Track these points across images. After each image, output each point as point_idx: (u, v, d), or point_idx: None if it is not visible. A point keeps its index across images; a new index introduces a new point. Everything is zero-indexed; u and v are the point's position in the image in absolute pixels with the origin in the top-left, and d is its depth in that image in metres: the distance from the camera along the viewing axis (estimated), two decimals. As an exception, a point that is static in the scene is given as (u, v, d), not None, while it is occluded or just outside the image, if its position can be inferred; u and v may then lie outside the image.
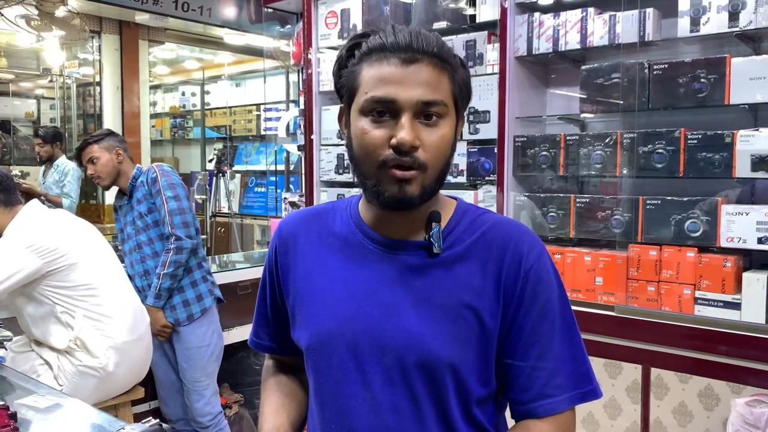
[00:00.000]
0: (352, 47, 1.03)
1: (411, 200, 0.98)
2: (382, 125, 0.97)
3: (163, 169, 2.89)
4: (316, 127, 3.19)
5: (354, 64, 1.02)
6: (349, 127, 1.03)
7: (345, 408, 1.05)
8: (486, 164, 2.65)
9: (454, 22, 2.76)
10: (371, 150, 0.98)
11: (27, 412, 1.60)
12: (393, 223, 1.06)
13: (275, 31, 5.26)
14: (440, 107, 0.98)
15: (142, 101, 6.57)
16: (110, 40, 6.24)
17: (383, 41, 0.98)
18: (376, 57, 0.99)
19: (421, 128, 0.97)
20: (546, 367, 1.02)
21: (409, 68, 0.97)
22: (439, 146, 0.98)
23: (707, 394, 2.11)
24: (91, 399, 2.29)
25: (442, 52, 0.99)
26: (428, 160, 0.97)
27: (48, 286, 2.32)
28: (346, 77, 1.03)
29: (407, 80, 0.96)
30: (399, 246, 1.06)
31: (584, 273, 2.40)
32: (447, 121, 1.00)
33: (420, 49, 0.97)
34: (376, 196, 1.00)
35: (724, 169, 2.13)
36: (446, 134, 0.99)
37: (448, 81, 1.00)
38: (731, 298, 2.13)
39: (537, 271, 1.03)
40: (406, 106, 0.96)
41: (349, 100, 1.03)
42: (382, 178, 0.98)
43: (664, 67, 2.25)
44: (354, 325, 1.04)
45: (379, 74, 0.97)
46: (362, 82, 0.99)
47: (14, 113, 7.70)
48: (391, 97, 0.96)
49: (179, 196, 2.83)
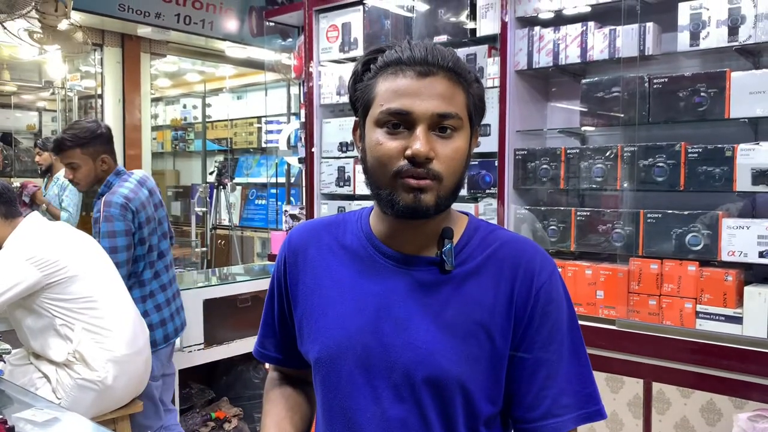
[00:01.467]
0: (368, 62, 1.04)
1: (426, 210, 0.98)
2: (397, 137, 0.98)
3: (109, 201, 2.57)
4: (317, 140, 3.20)
5: (370, 78, 1.03)
6: (364, 139, 1.04)
7: (353, 423, 1.05)
8: (487, 177, 2.65)
9: (455, 35, 2.77)
10: (386, 160, 0.98)
11: (25, 425, 1.59)
12: (405, 238, 1.06)
13: (277, 44, 5.28)
14: (455, 120, 0.98)
15: (144, 114, 6.59)
16: (112, 53, 6.27)
17: (399, 55, 0.99)
18: (391, 70, 1.00)
19: (436, 140, 0.98)
20: (554, 387, 1.02)
21: (424, 81, 0.97)
22: (453, 158, 0.99)
23: (709, 408, 2.10)
24: (89, 412, 2.28)
25: (457, 67, 1.00)
26: (443, 171, 0.98)
27: (47, 298, 2.32)
28: (362, 90, 1.04)
29: (422, 93, 0.97)
30: (411, 261, 1.05)
31: (585, 286, 2.40)
32: (461, 134, 1.00)
33: (435, 63, 0.98)
34: (391, 206, 1.00)
35: (724, 183, 2.13)
36: (460, 147, 1.00)
37: (462, 95, 1.00)
38: (733, 312, 2.12)
39: (548, 290, 1.03)
40: (422, 118, 0.96)
41: (364, 113, 1.04)
42: (396, 188, 0.98)
43: (664, 80, 2.25)
44: (364, 339, 1.04)
45: (395, 87, 0.98)
46: (378, 94, 1.00)
47: (16, 125, 7.71)
48: (407, 108, 0.97)
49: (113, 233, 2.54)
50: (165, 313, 2.76)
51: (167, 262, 2.81)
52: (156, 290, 2.73)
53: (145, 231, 2.65)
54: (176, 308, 2.86)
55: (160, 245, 2.75)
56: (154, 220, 2.72)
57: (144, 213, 2.64)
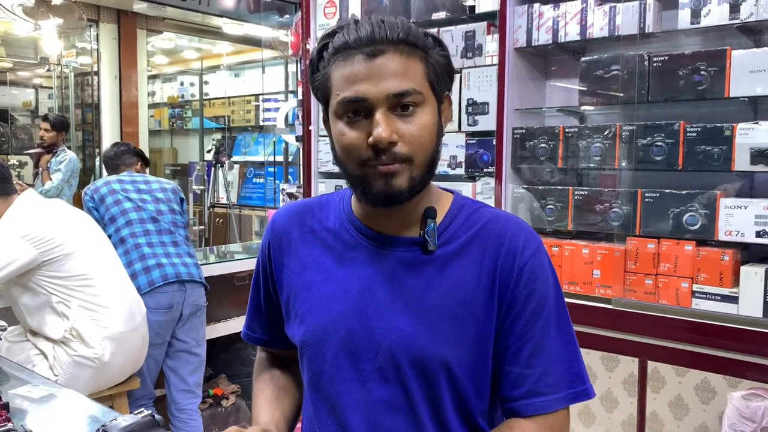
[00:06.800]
0: (321, 49, 1.00)
1: (400, 194, 0.96)
2: (357, 125, 0.95)
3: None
4: (314, 118, 3.17)
5: (324, 66, 0.99)
6: (330, 130, 1.02)
7: (339, 405, 1.04)
8: (484, 156, 2.63)
9: (454, 12, 2.74)
10: (351, 151, 0.96)
11: (21, 402, 1.59)
12: (386, 219, 1.04)
13: (274, 20, 5.24)
14: (414, 96, 0.95)
15: (140, 91, 6.54)
16: (108, 30, 6.21)
17: (347, 39, 0.96)
18: (341, 56, 0.96)
19: (398, 121, 0.95)
20: (539, 365, 1.00)
21: (375, 62, 0.94)
22: (420, 136, 0.96)
23: (704, 387, 2.11)
24: (87, 389, 2.29)
25: (409, 38, 0.96)
26: (411, 151, 0.95)
27: (43, 276, 2.32)
28: (320, 81, 1.01)
29: (374, 75, 0.94)
30: (392, 242, 1.04)
31: (582, 266, 2.40)
32: (426, 108, 0.97)
33: (383, 39, 0.94)
34: (365, 195, 0.99)
35: (723, 163, 2.12)
36: (427, 122, 0.97)
37: (420, 66, 0.97)
38: (729, 291, 2.12)
39: (532, 267, 1.01)
40: (378, 101, 0.94)
41: (325, 104, 1.01)
42: (366, 176, 0.97)
43: (664, 59, 2.23)
44: (348, 322, 1.03)
45: (347, 73, 0.95)
46: (333, 84, 0.97)
47: (12, 102, 7.67)
48: (361, 95, 0.94)
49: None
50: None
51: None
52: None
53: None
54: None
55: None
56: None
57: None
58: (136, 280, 2.75)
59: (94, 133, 6.68)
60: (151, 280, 2.79)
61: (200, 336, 3.01)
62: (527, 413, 1.00)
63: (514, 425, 1.01)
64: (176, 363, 2.95)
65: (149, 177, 3.23)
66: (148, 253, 2.86)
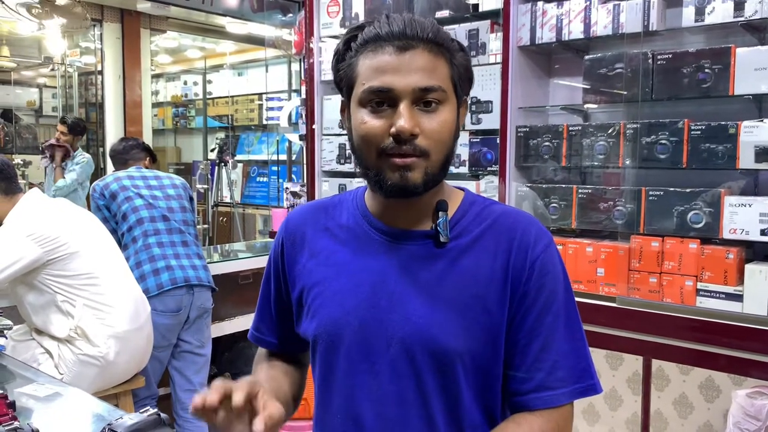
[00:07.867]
0: (349, 40, 1.02)
1: (414, 187, 0.98)
2: (381, 115, 0.97)
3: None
4: (317, 117, 3.18)
5: (351, 56, 1.01)
6: (350, 120, 1.03)
7: (351, 399, 1.05)
8: (488, 154, 2.63)
9: (457, 11, 2.73)
10: (371, 140, 0.98)
11: (27, 400, 1.60)
12: (399, 213, 1.05)
13: (277, 19, 5.24)
14: (438, 93, 0.97)
15: (144, 90, 6.55)
16: (112, 29, 6.22)
17: (378, 31, 0.98)
18: (371, 47, 0.98)
19: (421, 115, 0.97)
20: (548, 360, 1.01)
21: (404, 55, 0.96)
22: (440, 132, 0.98)
23: (708, 385, 2.10)
24: (91, 388, 2.29)
25: (437, 38, 0.98)
26: (429, 146, 0.97)
27: (48, 274, 2.32)
28: (344, 70, 1.02)
29: (403, 68, 0.96)
30: (405, 236, 1.05)
31: (586, 264, 2.40)
32: (447, 106, 0.99)
33: (414, 36, 0.97)
34: (379, 186, 1.00)
35: (727, 161, 2.12)
36: (447, 120, 0.99)
37: (446, 66, 0.99)
38: (733, 289, 2.12)
39: (543, 261, 1.02)
40: (404, 93, 0.95)
41: (348, 93, 1.03)
42: (383, 167, 0.98)
43: (668, 57, 2.23)
44: (361, 315, 1.04)
45: (375, 64, 0.97)
46: (359, 73, 0.99)
47: (16, 102, 7.69)
48: (388, 85, 0.96)
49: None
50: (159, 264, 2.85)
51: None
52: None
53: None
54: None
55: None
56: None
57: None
58: (144, 282, 2.75)
59: (98, 133, 6.70)
60: (159, 283, 2.79)
61: (205, 337, 3.02)
62: (535, 407, 1.01)
63: (520, 420, 1.02)
64: (181, 363, 2.95)
65: (159, 173, 3.20)
66: (157, 255, 2.85)
